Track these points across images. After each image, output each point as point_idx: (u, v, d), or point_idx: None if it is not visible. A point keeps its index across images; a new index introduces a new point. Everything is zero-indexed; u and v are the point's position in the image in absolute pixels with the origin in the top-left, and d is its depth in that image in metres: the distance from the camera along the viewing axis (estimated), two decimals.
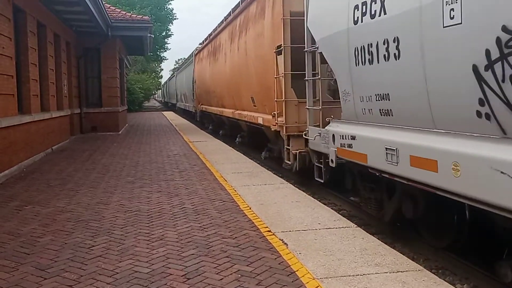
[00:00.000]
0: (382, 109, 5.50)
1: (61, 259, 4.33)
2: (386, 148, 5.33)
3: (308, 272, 3.89)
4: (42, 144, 11.52)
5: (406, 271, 3.89)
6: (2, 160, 8.43)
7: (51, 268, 4.11)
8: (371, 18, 5.44)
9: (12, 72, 9.19)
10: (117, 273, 3.98)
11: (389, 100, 5.31)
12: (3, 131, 8.47)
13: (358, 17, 5.76)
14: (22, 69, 10.33)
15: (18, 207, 6.42)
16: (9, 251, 4.58)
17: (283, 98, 9.02)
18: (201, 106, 23.09)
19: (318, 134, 7.39)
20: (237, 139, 15.78)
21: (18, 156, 9.44)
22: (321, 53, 7.27)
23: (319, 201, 7.08)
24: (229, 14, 15.48)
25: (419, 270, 3.95)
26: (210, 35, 19.93)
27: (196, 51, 24.70)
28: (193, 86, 25.58)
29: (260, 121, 11.09)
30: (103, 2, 14.86)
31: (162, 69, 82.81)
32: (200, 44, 23.87)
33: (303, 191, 7.88)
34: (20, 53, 10.28)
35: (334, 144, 6.80)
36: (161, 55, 51.53)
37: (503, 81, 3.64)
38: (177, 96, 41.01)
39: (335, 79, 6.92)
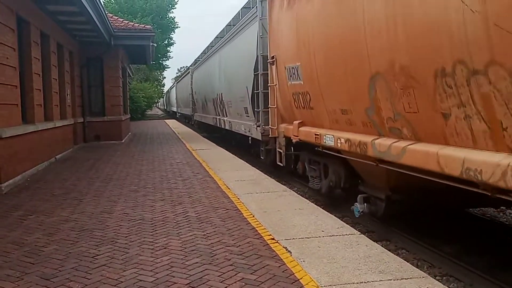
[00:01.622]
0: None
1: (66, 268, 4.34)
2: None
3: (312, 280, 3.89)
4: (46, 153, 11.55)
5: (410, 278, 3.89)
6: (6, 169, 8.46)
7: (56, 277, 4.12)
8: None
9: (16, 82, 9.25)
10: (122, 282, 3.98)
11: None
12: (7, 141, 8.51)
13: None
14: (26, 79, 10.38)
15: (22, 216, 6.44)
16: (13, 260, 4.60)
17: None
18: (313, 132, 7.72)
19: None
20: None
21: (22, 166, 9.48)
22: None
23: (322, 208, 7.08)
24: None
25: (423, 277, 3.94)
26: None
27: None
28: (254, 78, 11.70)
29: None
30: (106, 12, 14.97)
31: (165, 77, 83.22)
32: None
33: (306, 198, 7.89)
34: (24, 63, 10.34)
35: None
36: (164, 64, 51.72)
37: None
38: (195, 104, 27.06)
39: None
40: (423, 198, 6.19)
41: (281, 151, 9.76)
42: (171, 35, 48.43)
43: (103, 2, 15.61)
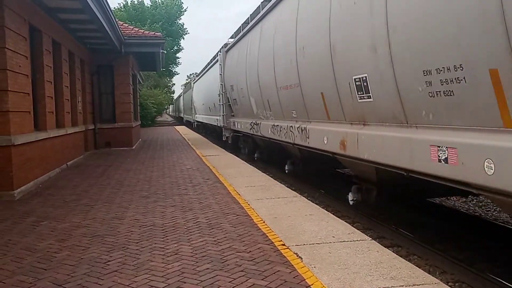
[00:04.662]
0: None
1: (78, 274, 4.37)
2: None
3: (324, 286, 3.88)
4: (57, 160, 11.66)
5: (422, 284, 3.86)
6: (19, 176, 8.55)
7: (68, 283, 4.15)
8: None
9: (28, 89, 9.37)
10: (133, 287, 4.01)
11: None
12: (19, 148, 8.61)
13: None
14: (38, 87, 10.51)
15: (35, 222, 6.50)
16: (26, 266, 4.64)
17: None
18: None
19: None
20: None
21: (34, 172, 9.57)
22: None
23: (333, 214, 7.05)
24: None
25: (435, 283, 3.91)
26: None
27: None
28: None
29: None
30: (116, 20, 15.11)
31: (174, 84, 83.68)
32: None
33: (317, 204, 7.87)
34: (36, 71, 10.47)
35: None
36: (173, 70, 52.02)
37: None
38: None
39: None
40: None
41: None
42: (180, 42, 48.78)
43: (113, 10, 15.77)
